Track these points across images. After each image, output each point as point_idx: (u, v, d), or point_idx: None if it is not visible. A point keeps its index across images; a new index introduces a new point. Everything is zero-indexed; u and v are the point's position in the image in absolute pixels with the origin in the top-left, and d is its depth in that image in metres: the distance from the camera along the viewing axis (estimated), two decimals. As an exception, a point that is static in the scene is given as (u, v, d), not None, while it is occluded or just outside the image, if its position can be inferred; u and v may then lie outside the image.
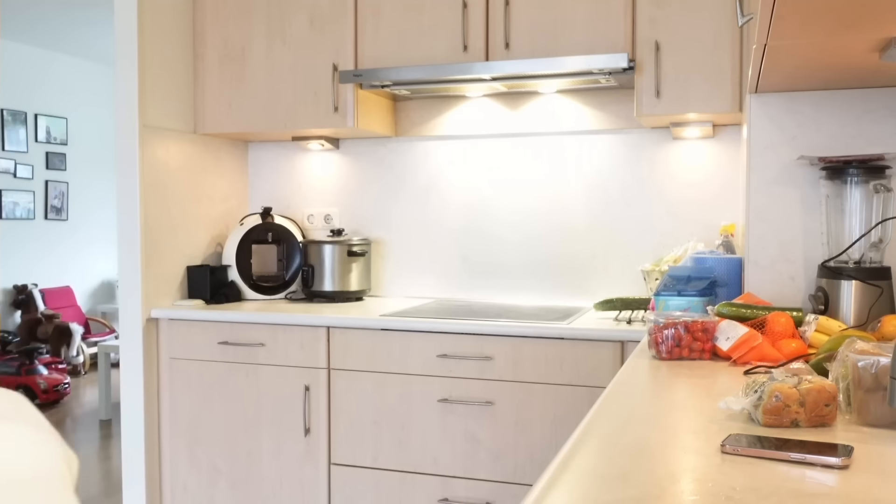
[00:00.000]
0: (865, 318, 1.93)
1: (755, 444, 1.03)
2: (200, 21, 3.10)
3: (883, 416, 1.17)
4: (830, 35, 1.50)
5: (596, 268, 2.98)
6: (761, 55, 1.69)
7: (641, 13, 2.58)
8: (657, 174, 2.93)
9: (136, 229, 2.88)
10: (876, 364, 1.17)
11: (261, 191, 3.46)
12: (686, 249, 2.70)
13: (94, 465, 4.25)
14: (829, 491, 0.91)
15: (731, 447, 1.04)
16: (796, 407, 1.16)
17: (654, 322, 1.74)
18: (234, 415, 2.83)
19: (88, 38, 6.55)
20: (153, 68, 2.93)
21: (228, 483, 2.84)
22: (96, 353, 5.82)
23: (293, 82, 2.98)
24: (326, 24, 2.94)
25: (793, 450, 1.01)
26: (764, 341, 1.68)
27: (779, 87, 2.13)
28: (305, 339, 2.72)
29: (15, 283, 6.69)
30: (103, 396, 5.19)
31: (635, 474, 0.98)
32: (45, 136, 7.01)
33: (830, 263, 2.03)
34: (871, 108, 2.12)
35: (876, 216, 2.02)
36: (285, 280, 3.19)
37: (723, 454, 1.03)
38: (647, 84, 2.57)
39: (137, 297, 2.89)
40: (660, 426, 1.18)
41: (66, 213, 7.21)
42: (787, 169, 2.18)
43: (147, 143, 2.90)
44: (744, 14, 1.72)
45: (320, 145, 3.29)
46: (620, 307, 2.69)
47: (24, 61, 6.77)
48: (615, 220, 2.98)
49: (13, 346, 6.23)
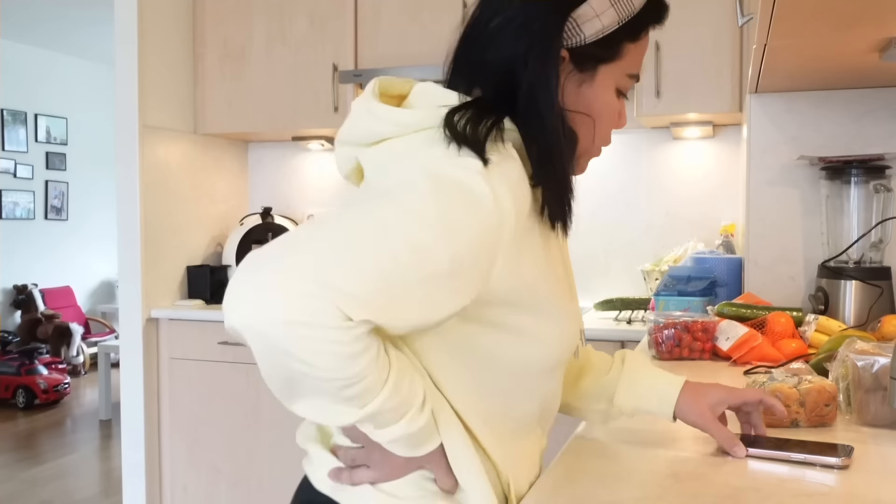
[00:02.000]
0: (865, 318, 1.93)
1: (755, 443, 1.03)
2: (200, 21, 3.10)
3: (883, 416, 1.17)
4: (830, 35, 1.51)
5: (596, 268, 2.97)
6: (761, 55, 1.69)
7: (641, 13, 2.58)
8: (657, 174, 2.93)
9: (136, 229, 2.88)
10: (876, 364, 1.17)
11: (261, 191, 3.46)
12: (686, 249, 2.70)
13: (94, 465, 4.25)
14: (829, 491, 0.91)
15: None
16: (796, 407, 1.16)
17: (654, 322, 1.74)
18: (234, 415, 2.82)
19: (88, 38, 6.55)
20: (153, 68, 2.93)
21: (228, 483, 2.84)
22: (96, 353, 5.82)
23: (293, 82, 2.98)
24: (326, 24, 2.94)
25: (793, 450, 1.01)
26: (764, 341, 1.68)
27: (779, 87, 2.13)
28: (305, 339, 2.71)
29: (15, 283, 6.69)
30: (103, 396, 5.18)
31: (635, 474, 0.98)
32: (45, 136, 7.01)
33: (830, 263, 2.03)
34: (871, 108, 2.12)
35: (876, 216, 2.02)
36: (285, 280, 3.19)
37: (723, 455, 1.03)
38: (647, 84, 2.57)
39: (137, 297, 2.89)
40: (660, 426, 1.18)
41: (66, 213, 7.21)
42: (787, 169, 2.18)
43: (147, 143, 2.90)
44: (744, 14, 1.72)
45: (320, 145, 3.29)
46: (620, 307, 2.69)
47: (24, 61, 6.77)
48: (615, 220, 2.98)
49: (13, 346, 6.23)
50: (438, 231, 0.75)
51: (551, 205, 0.87)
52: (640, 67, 0.95)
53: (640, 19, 0.91)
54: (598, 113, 0.92)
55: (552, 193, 0.87)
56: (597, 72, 0.91)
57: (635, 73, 0.94)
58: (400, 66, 2.80)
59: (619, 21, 0.88)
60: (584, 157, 0.96)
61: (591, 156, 0.97)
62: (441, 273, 0.75)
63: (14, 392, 5.51)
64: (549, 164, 0.87)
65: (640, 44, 0.93)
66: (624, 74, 0.92)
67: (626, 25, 0.89)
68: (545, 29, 0.87)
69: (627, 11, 0.88)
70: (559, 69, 0.88)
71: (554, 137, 0.87)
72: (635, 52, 0.92)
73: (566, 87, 0.90)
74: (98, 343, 5.83)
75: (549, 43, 0.87)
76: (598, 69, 0.91)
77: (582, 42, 0.88)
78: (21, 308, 6.64)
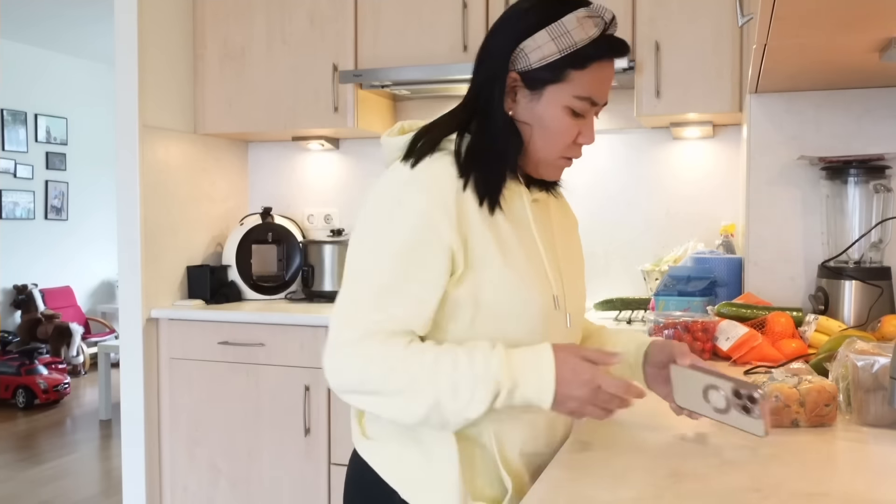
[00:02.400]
0: (865, 318, 1.93)
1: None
2: (200, 21, 3.10)
3: (883, 416, 1.17)
4: (830, 35, 1.51)
5: (596, 268, 2.97)
6: (761, 55, 1.69)
7: (641, 13, 2.58)
8: (657, 174, 2.93)
9: (136, 229, 2.88)
10: (876, 364, 1.17)
11: (261, 191, 3.46)
12: (686, 249, 2.70)
13: (94, 465, 4.25)
14: (829, 491, 0.91)
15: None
16: (796, 407, 1.16)
17: (654, 322, 1.74)
18: (234, 415, 2.82)
19: (88, 38, 6.55)
20: (153, 68, 2.93)
21: (228, 483, 2.84)
22: (96, 353, 5.82)
23: (293, 82, 2.98)
24: (326, 24, 2.94)
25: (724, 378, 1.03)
26: (764, 341, 1.69)
27: (779, 87, 2.13)
28: (305, 339, 2.72)
29: (15, 283, 6.69)
30: (103, 396, 5.18)
31: (635, 474, 0.98)
32: (45, 136, 7.01)
33: (830, 263, 2.03)
34: (871, 108, 2.12)
35: (876, 216, 2.02)
36: (285, 280, 3.19)
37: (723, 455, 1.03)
38: (647, 84, 2.57)
39: (137, 297, 2.89)
40: (660, 426, 1.18)
41: (66, 213, 7.21)
42: (787, 169, 2.18)
43: (147, 143, 2.90)
44: (744, 14, 1.72)
45: (320, 145, 3.29)
46: (620, 307, 2.69)
47: (23, 61, 6.77)
48: (615, 220, 2.98)
49: (13, 346, 6.23)
50: (382, 249, 1.06)
51: (477, 187, 1.09)
52: (595, 93, 1.12)
53: (584, 52, 1.09)
54: (547, 126, 1.12)
55: (477, 179, 1.09)
56: (544, 91, 1.11)
57: (587, 97, 1.11)
58: (400, 65, 2.80)
59: (559, 52, 1.09)
60: (546, 165, 1.16)
61: (556, 164, 1.17)
62: (394, 283, 1.05)
63: (14, 392, 5.51)
64: (479, 157, 1.11)
65: (588, 72, 1.10)
66: (572, 96, 1.11)
67: (569, 56, 1.09)
68: (499, 56, 1.12)
69: (567, 44, 1.08)
70: (505, 85, 1.11)
71: (489, 137, 1.12)
72: (583, 78, 1.10)
73: (520, 102, 1.13)
74: (98, 343, 5.84)
75: (499, 65, 1.12)
76: (546, 89, 1.11)
77: (529, 67, 1.10)
78: (21, 308, 6.64)
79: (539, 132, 1.13)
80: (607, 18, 1.11)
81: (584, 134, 1.15)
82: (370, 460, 1.15)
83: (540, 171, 1.17)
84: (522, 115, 1.13)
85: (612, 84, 1.16)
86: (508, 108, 1.12)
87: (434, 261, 1.05)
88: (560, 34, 1.08)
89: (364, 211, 1.11)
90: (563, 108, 1.11)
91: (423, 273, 1.05)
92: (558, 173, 1.19)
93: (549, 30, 1.09)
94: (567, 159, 1.16)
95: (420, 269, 1.05)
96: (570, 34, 1.08)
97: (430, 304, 1.06)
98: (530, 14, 1.11)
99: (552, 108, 1.11)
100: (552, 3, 1.10)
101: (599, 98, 1.13)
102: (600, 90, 1.13)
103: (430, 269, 1.05)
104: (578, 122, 1.13)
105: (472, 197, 1.09)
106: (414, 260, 1.05)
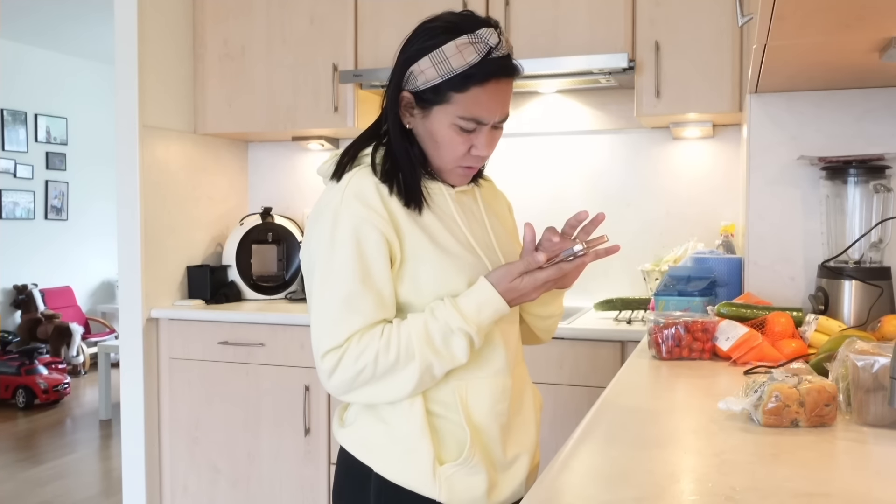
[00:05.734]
0: (865, 318, 1.93)
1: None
2: (200, 21, 3.10)
3: (883, 416, 1.17)
4: (830, 35, 1.51)
5: (596, 268, 2.97)
6: (761, 55, 1.69)
7: (641, 13, 2.58)
8: (657, 174, 2.93)
9: (136, 229, 2.88)
10: (876, 364, 1.17)
11: (261, 191, 3.46)
12: (686, 249, 2.70)
13: (94, 465, 4.25)
14: (830, 491, 0.91)
15: None
16: (796, 407, 1.16)
17: (654, 322, 1.74)
18: (234, 415, 2.82)
19: (88, 38, 6.55)
20: (153, 68, 2.93)
21: (228, 483, 2.84)
22: (96, 353, 5.82)
23: (293, 82, 2.98)
24: (326, 24, 2.94)
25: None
26: (764, 341, 1.68)
27: (779, 87, 2.13)
28: (305, 339, 2.72)
29: (15, 283, 6.69)
30: (103, 396, 5.18)
31: (635, 474, 0.98)
32: (45, 136, 7.01)
33: (830, 263, 2.03)
34: (871, 108, 2.12)
35: (876, 216, 2.02)
36: (285, 280, 3.19)
37: (722, 455, 1.03)
38: (646, 84, 2.57)
39: (137, 297, 2.89)
40: (660, 426, 1.18)
41: (66, 212, 7.21)
42: (787, 169, 2.18)
43: (147, 143, 2.90)
44: (744, 14, 1.72)
45: (320, 145, 3.29)
46: (620, 307, 2.68)
47: (23, 61, 6.77)
48: (615, 220, 2.98)
49: (13, 346, 6.23)
50: (335, 263, 1.20)
51: (399, 191, 1.24)
52: (480, 113, 1.23)
53: (464, 77, 1.20)
54: (438, 141, 1.26)
55: (398, 186, 1.24)
56: (432, 111, 1.24)
57: (472, 117, 1.23)
58: (400, 66, 2.80)
59: (440, 76, 1.21)
60: (447, 172, 1.30)
61: (455, 171, 1.30)
62: (355, 288, 1.19)
63: (14, 392, 5.51)
64: (394, 165, 1.26)
65: (470, 94, 1.21)
66: (457, 116, 1.23)
67: (449, 81, 1.20)
68: (395, 78, 1.27)
69: (446, 70, 1.20)
70: (400, 104, 1.26)
71: (394, 149, 1.27)
72: (466, 100, 1.22)
73: (417, 118, 1.27)
74: (98, 343, 5.84)
75: (393, 85, 1.27)
76: (433, 109, 1.24)
77: (417, 88, 1.24)
78: (21, 308, 6.64)
79: (431, 145, 1.27)
80: (492, 43, 1.20)
81: (477, 146, 1.26)
82: (347, 445, 1.30)
83: (444, 177, 1.31)
84: (418, 130, 1.28)
85: (506, 100, 1.26)
86: (407, 122, 1.27)
87: (378, 252, 1.20)
88: (439, 61, 1.20)
89: (308, 232, 1.27)
90: (450, 125, 1.23)
91: (375, 266, 1.20)
92: (462, 179, 1.32)
93: (430, 56, 1.21)
94: (466, 167, 1.29)
95: (372, 265, 1.20)
96: (449, 61, 1.20)
97: (390, 289, 1.21)
98: (417, 40, 1.24)
99: (439, 125, 1.24)
100: (437, 32, 1.22)
101: (486, 117, 1.23)
102: (487, 109, 1.23)
103: (379, 260, 1.20)
104: (470, 136, 1.25)
105: (397, 200, 1.23)
106: (364, 260, 1.19)
